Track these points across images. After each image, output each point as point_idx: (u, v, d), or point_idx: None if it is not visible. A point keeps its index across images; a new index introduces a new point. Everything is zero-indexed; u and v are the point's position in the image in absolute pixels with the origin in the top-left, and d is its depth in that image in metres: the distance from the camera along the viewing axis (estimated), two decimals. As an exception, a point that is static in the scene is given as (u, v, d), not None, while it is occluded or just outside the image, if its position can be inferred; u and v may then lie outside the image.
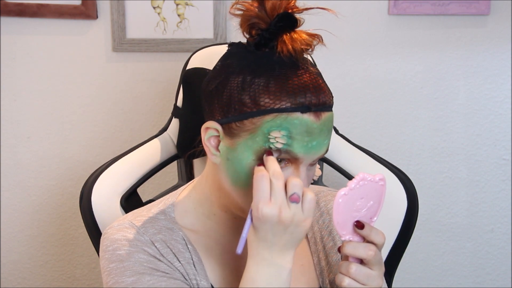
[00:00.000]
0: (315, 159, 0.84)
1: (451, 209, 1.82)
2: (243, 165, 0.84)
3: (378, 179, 0.85)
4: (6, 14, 1.58)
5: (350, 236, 0.85)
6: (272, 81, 0.81)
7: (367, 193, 0.84)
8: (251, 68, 0.83)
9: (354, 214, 0.85)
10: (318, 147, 0.83)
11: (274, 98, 0.81)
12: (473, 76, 1.74)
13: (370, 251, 0.84)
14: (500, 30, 1.70)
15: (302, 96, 0.81)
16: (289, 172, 0.84)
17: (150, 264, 0.87)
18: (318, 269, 0.97)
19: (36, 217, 1.71)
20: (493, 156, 1.79)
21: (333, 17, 1.72)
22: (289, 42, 0.82)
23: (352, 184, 0.83)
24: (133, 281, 0.85)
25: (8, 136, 1.66)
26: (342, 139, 1.35)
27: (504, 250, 1.84)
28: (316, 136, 0.82)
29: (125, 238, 0.89)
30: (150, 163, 1.26)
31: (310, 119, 0.81)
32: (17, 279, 1.75)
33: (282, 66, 0.82)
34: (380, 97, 1.73)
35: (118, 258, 0.87)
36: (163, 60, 1.64)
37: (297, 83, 0.81)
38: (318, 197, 1.03)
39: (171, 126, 1.31)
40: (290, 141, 0.81)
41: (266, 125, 0.81)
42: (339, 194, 0.82)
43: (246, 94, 0.82)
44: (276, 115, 0.81)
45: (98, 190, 1.19)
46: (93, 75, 1.65)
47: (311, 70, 0.84)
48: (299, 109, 0.81)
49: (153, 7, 1.60)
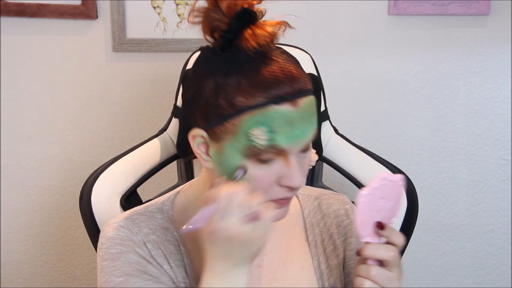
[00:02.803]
0: (302, 147, 0.83)
1: (451, 209, 1.82)
2: (233, 167, 0.84)
3: (398, 179, 0.84)
4: (6, 14, 1.58)
5: (370, 237, 0.85)
6: (243, 79, 0.81)
7: (387, 193, 0.84)
8: (221, 71, 0.82)
9: (374, 214, 0.84)
10: (303, 135, 0.82)
11: (248, 95, 0.80)
12: (473, 76, 1.74)
13: (391, 252, 0.84)
14: (500, 30, 1.70)
15: (274, 88, 0.80)
16: (279, 165, 0.83)
17: (139, 266, 0.88)
18: (318, 272, 0.97)
19: (36, 217, 1.71)
20: (493, 156, 1.79)
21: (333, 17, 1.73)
22: (251, 38, 0.81)
23: (374, 183, 0.82)
24: (120, 281, 0.87)
25: (8, 136, 1.66)
26: (342, 139, 1.35)
27: (504, 250, 1.84)
28: (298, 124, 0.81)
29: (118, 237, 0.90)
30: (150, 163, 1.26)
31: (287, 109, 0.80)
32: (17, 279, 1.75)
33: (250, 62, 0.81)
34: (380, 97, 1.73)
35: (110, 257, 0.89)
36: (163, 60, 1.64)
37: (267, 75, 0.80)
38: (320, 200, 1.03)
39: (171, 126, 1.31)
40: (272, 135, 0.80)
41: (245, 124, 0.81)
42: (362, 194, 0.82)
43: (221, 97, 0.82)
44: (252, 112, 0.80)
45: (98, 190, 1.19)
46: (93, 75, 1.65)
47: (281, 59, 0.82)
48: (273, 101, 0.80)
49: (153, 7, 1.60)
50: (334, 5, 1.66)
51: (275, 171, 0.83)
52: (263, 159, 0.82)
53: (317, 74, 1.32)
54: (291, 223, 1.00)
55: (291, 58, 0.85)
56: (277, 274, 0.96)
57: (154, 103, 1.67)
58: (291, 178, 0.83)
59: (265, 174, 0.83)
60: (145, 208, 0.96)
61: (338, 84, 1.70)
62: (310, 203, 1.02)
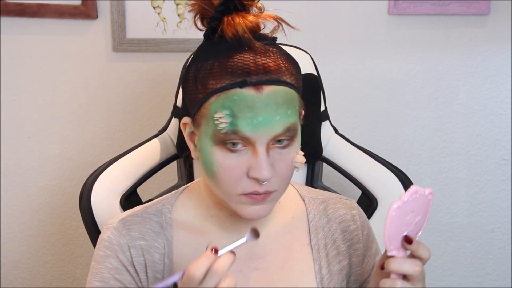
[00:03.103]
0: (270, 138, 0.82)
1: (451, 209, 1.82)
2: (206, 153, 0.84)
3: (428, 193, 0.83)
4: (6, 14, 1.58)
5: (396, 251, 0.83)
6: (216, 63, 0.82)
7: (417, 206, 0.82)
8: (202, 57, 0.85)
9: (403, 228, 0.82)
10: (267, 123, 0.80)
11: (218, 78, 0.81)
12: (473, 76, 1.74)
13: (416, 267, 0.83)
14: (500, 30, 1.70)
15: (241, 72, 0.80)
16: (248, 155, 0.82)
17: (117, 274, 0.91)
18: (319, 277, 0.96)
19: (36, 217, 1.71)
20: (493, 156, 1.79)
21: (333, 17, 1.73)
22: (230, 25, 0.82)
23: (406, 197, 0.80)
24: (97, 286, 0.91)
25: (8, 136, 1.66)
26: (342, 139, 1.35)
27: (504, 250, 1.84)
28: (260, 111, 0.80)
29: (107, 239, 0.93)
30: (150, 163, 1.27)
31: (249, 93, 0.80)
32: (17, 279, 1.75)
33: (228, 49, 0.82)
34: (380, 97, 1.73)
35: (96, 259, 0.93)
36: (163, 60, 1.64)
37: (238, 61, 0.81)
38: (326, 203, 1.01)
39: (170, 126, 1.31)
40: (234, 120, 0.80)
41: (212, 107, 0.82)
42: (393, 207, 0.79)
43: (199, 81, 0.83)
44: (218, 95, 0.81)
45: (98, 190, 1.19)
46: (93, 75, 1.65)
47: (261, 51, 0.83)
48: (238, 84, 0.80)
49: (153, 7, 1.60)
50: (334, 5, 1.66)
51: (244, 161, 0.82)
52: (231, 148, 0.82)
53: (317, 74, 1.32)
54: (293, 226, 0.99)
55: (281, 54, 0.85)
56: (275, 277, 0.95)
57: (154, 103, 1.67)
58: (257, 169, 0.81)
59: (233, 163, 0.82)
60: (144, 209, 0.96)
61: (338, 84, 1.70)
62: (316, 207, 1.00)
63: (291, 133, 0.83)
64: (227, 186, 0.84)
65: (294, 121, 0.83)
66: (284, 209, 0.99)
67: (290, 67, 0.84)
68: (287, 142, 0.84)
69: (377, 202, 1.27)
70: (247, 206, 0.86)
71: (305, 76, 1.29)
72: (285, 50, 0.87)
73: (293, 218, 0.99)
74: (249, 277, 0.94)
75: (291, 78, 0.83)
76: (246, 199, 0.85)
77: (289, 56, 0.86)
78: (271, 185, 0.84)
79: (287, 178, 0.87)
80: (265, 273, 0.94)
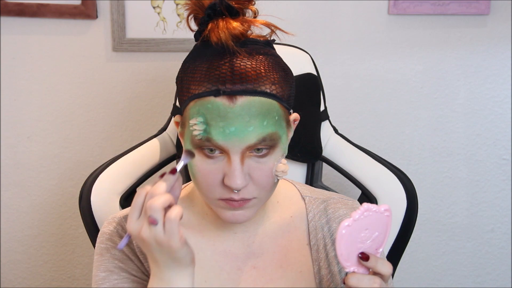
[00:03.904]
0: (243, 147, 0.81)
1: (451, 209, 1.81)
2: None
3: (384, 210, 0.82)
4: (6, 14, 1.58)
5: (355, 267, 0.83)
6: (198, 68, 0.83)
7: (372, 223, 0.82)
8: (190, 59, 0.86)
9: (358, 245, 0.82)
10: (239, 133, 0.80)
11: (197, 84, 0.82)
12: (473, 76, 1.74)
13: (375, 284, 0.82)
14: (500, 30, 1.70)
15: (216, 80, 0.80)
16: (224, 162, 0.83)
17: (121, 263, 0.92)
18: (318, 278, 0.96)
19: (36, 217, 1.71)
20: (493, 156, 1.79)
21: (333, 17, 1.73)
22: (214, 31, 0.82)
23: (356, 215, 0.80)
24: (103, 277, 0.91)
25: (8, 136, 1.66)
26: (342, 139, 1.35)
27: (504, 250, 1.84)
28: (233, 121, 0.80)
29: (109, 233, 0.94)
30: (149, 162, 1.27)
31: (222, 103, 0.80)
32: (17, 279, 1.75)
33: (212, 54, 0.83)
34: (380, 97, 1.73)
35: (99, 251, 0.93)
36: (163, 60, 1.64)
37: (217, 69, 0.81)
38: (327, 203, 1.00)
39: (170, 126, 1.31)
40: (207, 127, 0.81)
41: (190, 112, 0.83)
42: (343, 225, 0.79)
43: (184, 83, 0.84)
44: (196, 101, 0.82)
45: (98, 190, 1.19)
46: (93, 75, 1.65)
47: (243, 58, 0.82)
48: (212, 93, 0.80)
49: (153, 7, 1.60)
50: (334, 5, 1.66)
51: (220, 168, 0.83)
52: (208, 154, 0.83)
53: (317, 74, 1.32)
54: (292, 225, 0.98)
55: (267, 61, 0.83)
56: (273, 276, 0.94)
57: (154, 103, 1.67)
58: (230, 178, 0.82)
59: (209, 168, 0.83)
60: None
61: (338, 84, 1.70)
62: (316, 206, 1.00)
63: (269, 143, 0.83)
64: (205, 190, 0.86)
65: (271, 131, 0.82)
66: (282, 209, 0.99)
67: (273, 75, 0.83)
68: (266, 151, 0.84)
69: (376, 202, 1.27)
70: (225, 211, 0.87)
71: (305, 76, 1.29)
72: (275, 56, 0.86)
73: (292, 218, 0.98)
74: (248, 275, 0.94)
75: (272, 88, 0.82)
76: (224, 204, 0.86)
77: (277, 63, 0.85)
78: (247, 192, 0.84)
79: (267, 186, 0.86)
80: (263, 272, 0.94)
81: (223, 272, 0.93)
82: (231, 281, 0.93)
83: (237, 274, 0.94)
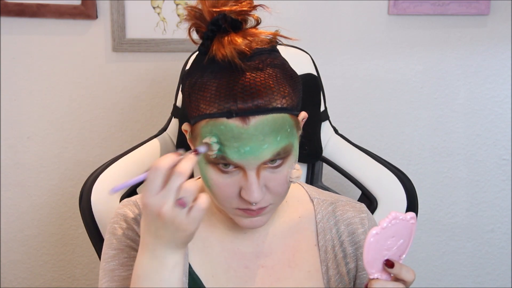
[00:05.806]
0: (259, 164, 0.82)
1: (451, 209, 1.81)
2: (201, 168, 0.86)
3: (410, 218, 0.84)
4: (6, 14, 1.58)
5: (379, 274, 0.84)
6: (207, 86, 0.81)
7: (398, 231, 0.84)
8: (198, 72, 0.83)
9: (384, 252, 0.84)
10: (254, 152, 0.80)
11: (208, 103, 0.81)
12: (473, 76, 1.74)
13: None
14: (500, 30, 1.70)
15: (228, 101, 0.79)
16: (240, 176, 0.83)
17: (132, 242, 0.92)
18: (326, 278, 0.97)
19: (36, 217, 1.71)
20: (493, 156, 1.79)
21: (333, 17, 1.72)
22: (219, 47, 0.80)
23: (384, 223, 0.82)
24: (113, 254, 0.92)
25: (8, 136, 1.66)
26: (342, 139, 1.35)
27: (504, 250, 1.84)
28: (247, 142, 0.80)
29: (124, 214, 0.95)
30: (149, 163, 1.26)
31: (235, 124, 0.79)
32: (17, 279, 1.75)
33: (220, 70, 0.81)
34: (380, 97, 1.73)
35: (112, 231, 0.94)
36: (163, 60, 1.64)
37: (226, 88, 0.79)
38: (335, 205, 1.01)
39: (170, 126, 1.31)
40: (222, 147, 0.80)
41: (202, 131, 0.82)
42: (371, 234, 0.81)
43: (193, 99, 0.83)
44: (207, 120, 0.81)
45: (98, 190, 1.19)
46: (93, 75, 1.65)
47: (252, 73, 0.80)
48: (224, 114, 0.79)
49: (153, 7, 1.60)
50: (334, 5, 1.66)
51: (236, 181, 0.83)
52: (223, 169, 0.83)
53: (317, 74, 1.32)
54: (301, 226, 0.99)
55: (274, 73, 0.82)
56: (282, 276, 0.95)
57: (154, 103, 1.67)
58: (248, 192, 0.82)
59: (225, 182, 0.84)
60: None
61: (338, 84, 1.70)
62: (325, 208, 1.01)
63: (283, 155, 0.83)
64: (222, 200, 0.86)
65: (285, 143, 0.83)
66: (291, 209, 1.00)
67: (283, 88, 0.82)
68: (280, 161, 0.84)
69: (377, 202, 1.27)
70: (243, 218, 0.88)
71: (305, 76, 1.29)
72: (282, 64, 0.85)
73: (300, 218, 0.99)
74: (255, 274, 0.95)
75: (282, 102, 0.81)
76: (241, 212, 0.86)
77: (285, 72, 0.84)
78: (264, 201, 0.85)
79: (282, 192, 0.87)
80: (271, 271, 0.95)
81: (230, 269, 0.94)
82: (238, 279, 0.94)
83: (244, 272, 0.94)
